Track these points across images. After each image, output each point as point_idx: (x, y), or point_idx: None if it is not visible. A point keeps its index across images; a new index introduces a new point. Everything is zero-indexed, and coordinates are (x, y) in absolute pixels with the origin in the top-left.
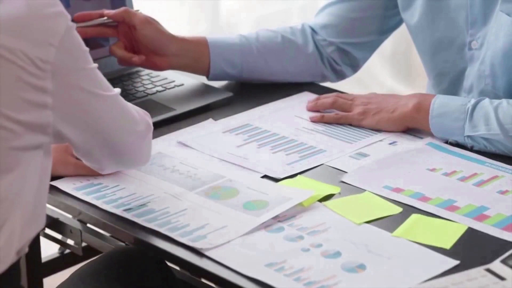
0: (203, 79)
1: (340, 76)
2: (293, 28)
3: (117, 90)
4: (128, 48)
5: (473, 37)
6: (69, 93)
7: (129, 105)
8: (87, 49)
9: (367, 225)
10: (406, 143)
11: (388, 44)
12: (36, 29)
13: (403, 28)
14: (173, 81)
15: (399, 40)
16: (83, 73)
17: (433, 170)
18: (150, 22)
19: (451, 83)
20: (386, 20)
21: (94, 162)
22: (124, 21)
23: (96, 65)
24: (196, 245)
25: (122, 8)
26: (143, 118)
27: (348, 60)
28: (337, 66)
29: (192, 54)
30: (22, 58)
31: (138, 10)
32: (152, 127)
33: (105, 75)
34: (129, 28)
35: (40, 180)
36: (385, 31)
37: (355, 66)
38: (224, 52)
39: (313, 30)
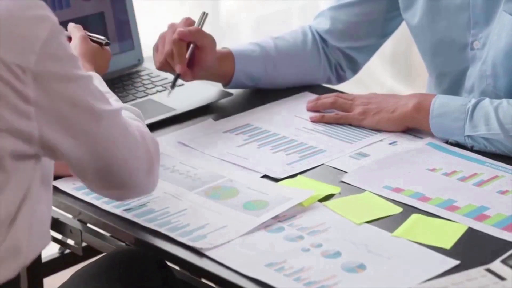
0: None
1: (341, 79)
2: (305, 36)
3: (118, 106)
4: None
5: (475, 37)
6: (54, 103)
7: (135, 127)
8: (77, 56)
9: (367, 225)
10: (406, 143)
11: (388, 44)
12: (15, 34)
13: (403, 28)
14: None
15: (399, 40)
16: (71, 82)
17: (433, 170)
18: (215, 42)
19: (452, 83)
20: (388, 22)
21: (86, 182)
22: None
23: (90, 74)
24: (196, 245)
25: (194, 29)
26: (146, 147)
27: (351, 64)
28: (342, 72)
29: (219, 68)
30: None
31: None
32: (156, 157)
33: (105, 75)
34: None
35: (34, 197)
36: (387, 33)
37: (356, 70)
38: (247, 66)
39: (320, 36)
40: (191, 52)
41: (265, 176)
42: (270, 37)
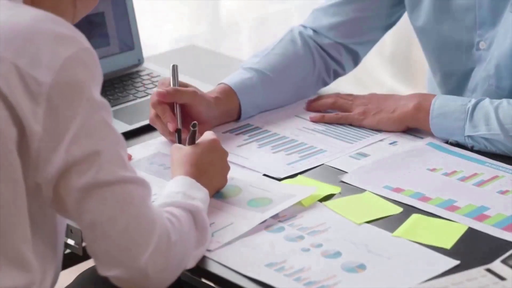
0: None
1: (339, 76)
2: (295, 45)
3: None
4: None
5: (481, 38)
6: (60, 133)
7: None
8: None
9: (367, 225)
10: (406, 143)
11: (388, 44)
12: (37, 46)
13: (403, 28)
14: None
15: (399, 40)
16: (84, 115)
17: (433, 170)
18: (198, 95)
19: (457, 83)
20: (391, 16)
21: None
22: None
23: (106, 116)
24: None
25: (171, 89)
26: (163, 225)
27: (352, 59)
28: (341, 70)
29: (223, 108)
30: (11, 71)
31: (190, 87)
32: (174, 241)
33: (105, 75)
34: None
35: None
36: (389, 26)
37: (357, 63)
38: (251, 98)
39: (317, 34)
40: (179, 109)
41: (265, 176)
42: (261, 56)
